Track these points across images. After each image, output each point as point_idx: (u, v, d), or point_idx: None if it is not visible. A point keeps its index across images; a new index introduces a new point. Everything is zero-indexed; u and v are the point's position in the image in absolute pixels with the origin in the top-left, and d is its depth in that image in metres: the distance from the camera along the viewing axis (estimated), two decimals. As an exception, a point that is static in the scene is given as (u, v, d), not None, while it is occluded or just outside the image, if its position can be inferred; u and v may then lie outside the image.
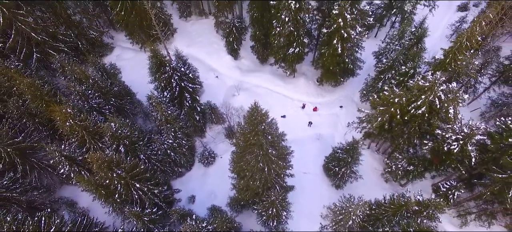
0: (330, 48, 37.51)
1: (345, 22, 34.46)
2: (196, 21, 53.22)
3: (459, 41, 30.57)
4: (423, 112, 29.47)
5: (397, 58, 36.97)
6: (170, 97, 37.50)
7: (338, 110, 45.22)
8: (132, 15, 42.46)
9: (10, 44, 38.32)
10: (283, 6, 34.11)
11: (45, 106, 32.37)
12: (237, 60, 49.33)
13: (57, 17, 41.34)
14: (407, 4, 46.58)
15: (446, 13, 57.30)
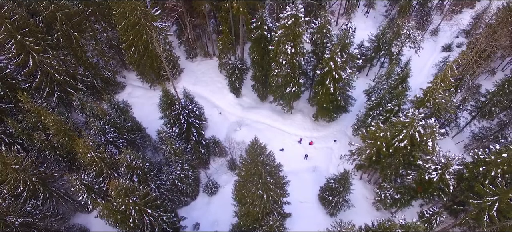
0: (324, 87, 41.54)
1: (336, 65, 38.66)
2: (201, 61, 57.84)
3: (434, 82, 34.68)
4: (405, 145, 33.06)
5: (384, 96, 41.00)
6: (178, 132, 41.16)
7: (332, 143, 48.86)
8: (144, 58, 46.92)
9: (36, 84, 42.60)
10: (280, 51, 38.45)
11: (67, 139, 36.02)
12: (239, 98, 53.47)
13: (77, 59, 45.77)
14: (393, 46, 51.35)
15: (432, 53, 62.08)
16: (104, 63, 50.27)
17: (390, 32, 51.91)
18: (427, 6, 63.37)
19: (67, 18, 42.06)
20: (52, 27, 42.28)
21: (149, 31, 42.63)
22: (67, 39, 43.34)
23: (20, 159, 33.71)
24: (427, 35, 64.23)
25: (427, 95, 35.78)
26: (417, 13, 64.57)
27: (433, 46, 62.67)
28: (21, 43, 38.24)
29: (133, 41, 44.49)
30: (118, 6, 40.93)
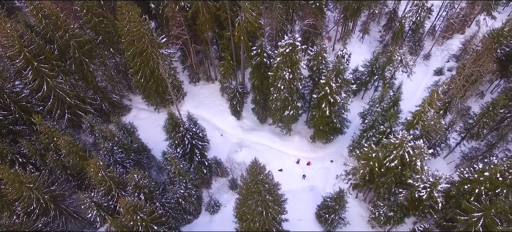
0: (320, 110, 44.02)
1: (331, 90, 41.22)
2: (203, 85, 60.60)
3: (422, 105, 37.21)
4: (396, 164, 35.30)
5: (377, 119, 43.43)
6: (182, 153, 43.43)
7: (329, 164, 51.04)
8: (150, 82, 49.65)
9: (48, 107, 45.17)
10: (279, 76, 41.13)
11: (78, 159, 38.28)
12: (239, 120, 55.93)
13: (88, 83, 48.49)
14: (387, 71, 54.22)
15: (424, 76, 64.83)
16: (112, 87, 52.95)
17: (383, 58, 54.87)
18: (419, 32, 66.58)
19: (80, 46, 45.06)
20: (65, 54, 45.15)
21: (155, 58, 45.54)
22: (79, 65, 46.20)
23: (34, 178, 35.86)
24: (420, 59, 67.18)
25: (416, 118, 38.24)
26: (410, 38, 67.76)
27: (425, 70, 65.53)
28: (37, 70, 41.04)
29: (140, 67, 47.36)
30: (127, 34, 43.91)
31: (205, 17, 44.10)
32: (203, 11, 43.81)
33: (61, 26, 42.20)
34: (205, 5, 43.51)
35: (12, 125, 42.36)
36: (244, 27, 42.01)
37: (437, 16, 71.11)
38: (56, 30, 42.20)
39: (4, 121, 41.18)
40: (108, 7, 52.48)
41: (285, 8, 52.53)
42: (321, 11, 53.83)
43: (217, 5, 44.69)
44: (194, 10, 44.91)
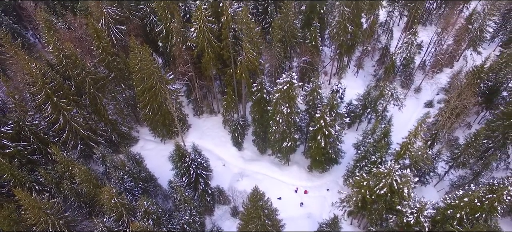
0: (316, 142, 47.34)
1: (326, 123, 44.72)
2: (207, 118, 64.27)
3: (408, 137, 40.62)
4: (385, 192, 38.29)
5: (368, 149, 46.72)
6: (187, 181, 46.46)
7: (325, 192, 53.92)
8: (158, 115, 53.31)
9: (63, 139, 48.61)
10: (278, 111, 44.76)
11: (92, 187, 41.33)
12: (241, 151, 59.21)
13: (100, 116, 52.13)
14: (379, 105, 57.95)
15: (415, 108, 68.50)
16: (122, 120, 56.58)
17: (375, 92, 58.76)
18: (409, 67, 70.89)
19: (94, 82, 49.10)
20: (81, 89, 49.08)
21: (163, 93, 49.39)
22: (93, 100, 50.07)
23: (51, 204, 38.78)
24: (411, 92, 71.08)
25: (403, 149, 41.54)
26: (401, 73, 72.03)
27: (416, 102, 69.35)
28: (56, 104, 44.79)
29: (149, 101, 51.15)
30: (138, 71, 47.91)
31: (210, 56, 48.29)
32: (208, 51, 48.04)
33: (79, 64, 46.34)
34: (210, 45, 47.76)
35: (31, 155, 45.63)
36: (245, 65, 46.12)
37: (426, 52, 75.70)
38: (74, 68, 46.32)
39: (24, 151, 44.51)
40: (120, 46, 56.84)
41: (283, 46, 56.98)
42: (316, 49, 58.25)
43: (221, 45, 48.95)
44: (199, 50, 49.13)
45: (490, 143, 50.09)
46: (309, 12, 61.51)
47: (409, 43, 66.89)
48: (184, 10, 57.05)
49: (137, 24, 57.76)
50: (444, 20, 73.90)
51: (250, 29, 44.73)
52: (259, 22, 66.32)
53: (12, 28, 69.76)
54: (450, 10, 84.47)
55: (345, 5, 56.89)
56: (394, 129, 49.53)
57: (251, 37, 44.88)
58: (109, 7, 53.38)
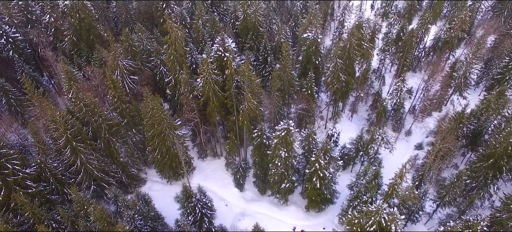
0: (312, 184, 51.31)
1: (320, 166, 48.94)
2: (211, 161, 68.49)
3: (395, 179, 44.74)
4: (375, 229, 41.86)
5: (360, 190, 50.63)
6: (192, 220, 50.04)
7: (321, 231, 57.13)
8: (166, 158, 57.57)
9: (78, 180, 52.66)
10: (276, 155, 49.14)
11: (106, 225, 44.91)
12: (242, 192, 63.01)
13: (112, 159, 56.42)
14: (370, 148, 62.30)
15: (406, 151, 72.68)
16: (132, 162, 60.79)
17: (367, 136, 63.30)
18: (400, 112, 75.86)
19: (109, 127, 53.81)
20: (96, 134, 53.74)
21: (171, 138, 53.97)
22: (107, 144, 54.55)
23: (69, 241, 42.41)
24: (402, 135, 75.66)
25: (391, 189, 45.53)
26: (393, 117, 76.92)
27: (406, 145, 73.73)
28: (74, 148, 49.24)
29: (158, 146, 55.58)
30: (149, 118, 52.73)
31: (214, 104, 53.33)
32: (213, 100, 53.12)
33: (96, 112, 51.28)
34: (215, 95, 52.90)
35: (49, 195, 49.53)
36: (247, 113, 51.03)
37: (415, 97, 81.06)
38: (92, 115, 51.19)
39: (44, 191, 48.47)
40: (132, 94, 62.12)
41: (282, 94, 62.26)
42: (312, 97, 63.49)
43: (225, 95, 54.10)
44: (205, 99, 54.26)
45: (473, 183, 54.00)
46: (305, 62, 67.34)
47: (399, 90, 72.32)
48: (190, 60, 63.03)
49: (148, 74, 63.46)
50: (432, 67, 79.86)
51: (251, 81, 50.02)
52: (260, 70, 72.32)
53: (31, 75, 75.51)
54: (437, 58, 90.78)
55: (338, 57, 62.72)
56: (386, 170, 53.57)
57: (252, 88, 50.10)
58: (124, 59, 59.20)
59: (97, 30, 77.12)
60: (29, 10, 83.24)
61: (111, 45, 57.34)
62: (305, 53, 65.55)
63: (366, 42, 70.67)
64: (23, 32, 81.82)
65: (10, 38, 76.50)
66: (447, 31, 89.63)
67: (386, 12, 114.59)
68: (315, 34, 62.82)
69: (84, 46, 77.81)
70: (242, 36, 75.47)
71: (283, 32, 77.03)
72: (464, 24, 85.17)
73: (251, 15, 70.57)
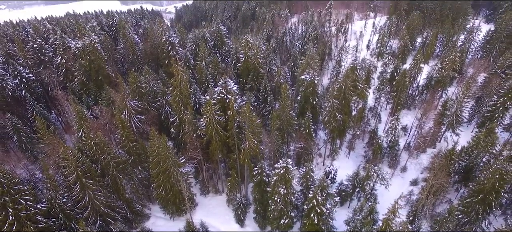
0: (310, 219, 53.38)
1: (318, 202, 51.25)
2: (212, 197, 70.66)
3: (388, 214, 47.01)
4: (370, 264, 43.85)
5: (356, 225, 52.69)
6: (195, 255, 51.96)
7: (320, 266, 58.53)
8: (170, 194, 59.94)
9: (85, 216, 54.84)
10: (276, 192, 51.59)
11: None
12: (243, 228, 64.76)
13: (119, 195, 58.81)
14: (366, 185, 64.67)
15: (401, 187, 74.66)
16: (137, 199, 63.10)
17: (363, 173, 65.79)
18: (395, 149, 78.64)
19: (117, 165, 56.60)
20: (104, 171, 56.46)
21: (176, 175, 56.64)
22: (114, 180, 57.13)
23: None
24: (397, 172, 78.04)
25: (384, 225, 47.69)
26: (388, 154, 79.61)
27: (402, 181, 75.96)
28: (83, 185, 51.85)
29: (162, 182, 58.11)
30: (155, 156, 55.61)
31: (217, 143, 56.36)
32: (215, 139, 56.20)
33: (105, 150, 54.26)
34: (217, 135, 56.03)
35: (58, 230, 51.62)
36: (248, 152, 53.95)
37: (409, 134, 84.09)
38: (101, 153, 54.13)
39: (53, 227, 50.63)
40: (138, 133, 65.33)
41: (281, 133, 65.39)
42: (310, 136, 66.57)
43: (227, 134, 57.23)
44: (208, 138, 57.36)
45: (465, 218, 56.06)
46: (303, 102, 70.96)
47: (393, 128, 75.47)
48: (194, 101, 66.66)
49: (154, 114, 66.93)
50: (425, 105, 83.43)
51: (252, 122, 53.28)
52: (260, 109, 75.90)
53: (41, 113, 79.12)
54: (430, 96, 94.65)
55: (334, 97, 66.37)
56: (382, 206, 55.71)
57: (252, 128, 53.28)
58: (132, 100, 62.81)
59: (106, 71, 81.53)
60: (42, 51, 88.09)
61: (120, 87, 61.13)
62: (303, 94, 69.27)
63: (361, 83, 74.55)
64: (36, 73, 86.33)
65: (23, 78, 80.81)
66: (439, 71, 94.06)
67: (381, 52, 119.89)
68: (312, 76, 66.77)
69: (92, 86, 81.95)
70: (243, 76, 79.65)
71: (282, 72, 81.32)
72: (454, 64, 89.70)
73: (251, 58, 74.91)
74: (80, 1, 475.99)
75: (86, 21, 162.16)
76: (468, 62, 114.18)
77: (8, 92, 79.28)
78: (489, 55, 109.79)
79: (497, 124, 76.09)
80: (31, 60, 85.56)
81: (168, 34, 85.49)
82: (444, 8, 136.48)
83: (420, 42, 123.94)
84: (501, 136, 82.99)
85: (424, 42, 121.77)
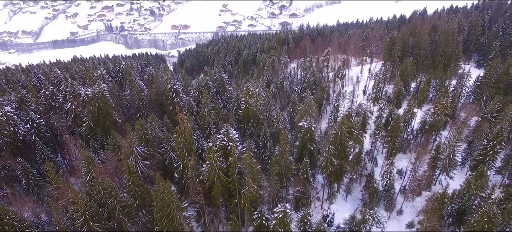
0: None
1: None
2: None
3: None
4: None
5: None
6: None
7: None
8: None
9: (92, 259, 56.81)
10: (274, 235, 53.96)
11: None
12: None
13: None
14: (362, 228, 66.75)
15: (398, 229, 76.29)
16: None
17: (359, 216, 68.00)
18: (391, 192, 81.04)
19: (122, 208, 59.21)
20: (111, 215, 58.96)
21: (179, 219, 59.01)
22: (119, 224, 59.50)
23: None
24: (394, 214, 79.99)
25: (379, 269, 49.68)
26: (384, 197, 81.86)
27: (398, 224, 77.73)
28: (91, 228, 54.28)
29: (166, 226, 60.31)
30: (159, 200, 58.29)
31: (219, 188, 59.24)
32: (217, 184, 59.14)
33: (113, 194, 57.12)
34: (219, 180, 59.04)
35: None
36: (248, 197, 56.76)
37: (404, 178, 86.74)
38: (109, 198, 56.94)
39: (60, 270, 52.67)
40: (143, 177, 68.29)
41: (280, 178, 68.30)
42: (307, 181, 69.45)
43: (228, 180, 60.29)
44: (210, 183, 60.32)
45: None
46: (301, 148, 74.42)
47: (388, 172, 78.34)
48: (197, 146, 70.15)
49: (159, 159, 70.21)
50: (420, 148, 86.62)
51: (252, 168, 56.53)
52: (260, 154, 79.20)
53: (49, 157, 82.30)
54: (424, 140, 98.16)
55: (331, 143, 69.87)
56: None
57: (253, 175, 56.43)
58: (138, 146, 66.36)
59: (113, 117, 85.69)
60: (53, 98, 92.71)
61: (128, 134, 64.83)
62: (301, 140, 72.89)
63: (357, 129, 78.31)
64: (46, 118, 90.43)
65: (34, 123, 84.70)
66: (432, 115, 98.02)
67: (377, 97, 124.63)
68: (310, 123, 70.66)
69: (100, 131, 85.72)
70: (244, 122, 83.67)
71: (282, 118, 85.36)
72: (446, 109, 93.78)
73: (252, 105, 79.22)
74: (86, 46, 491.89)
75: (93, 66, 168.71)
76: (460, 106, 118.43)
77: (19, 136, 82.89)
78: (480, 100, 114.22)
79: (489, 167, 79.05)
80: (42, 106, 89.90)
81: (173, 82, 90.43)
82: (436, 55, 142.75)
83: (414, 87, 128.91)
84: (494, 179, 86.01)
85: (418, 87, 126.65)
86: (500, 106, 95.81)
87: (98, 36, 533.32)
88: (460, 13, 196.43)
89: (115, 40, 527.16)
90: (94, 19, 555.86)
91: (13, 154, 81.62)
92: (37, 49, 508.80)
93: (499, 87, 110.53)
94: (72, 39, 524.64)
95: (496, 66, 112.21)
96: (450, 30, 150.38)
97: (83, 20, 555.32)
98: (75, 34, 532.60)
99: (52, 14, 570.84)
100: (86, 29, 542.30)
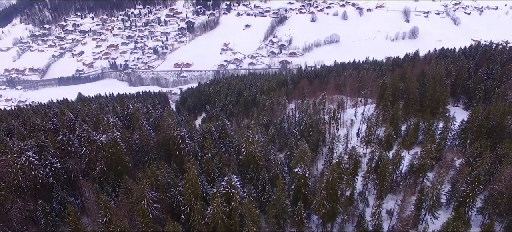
0: None
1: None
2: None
3: None
4: None
5: None
6: None
7: None
8: (179, 276, 68.57)
9: None
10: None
11: None
12: None
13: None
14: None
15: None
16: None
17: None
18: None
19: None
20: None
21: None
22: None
23: None
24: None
25: None
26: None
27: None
28: (109, 268, 61.21)
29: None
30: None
31: (222, 230, 66.55)
32: (220, 226, 66.47)
33: (127, 237, 64.37)
34: (222, 222, 66.45)
35: None
36: (248, 238, 64.06)
37: (392, 218, 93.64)
38: (123, 239, 64.19)
39: None
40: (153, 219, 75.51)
41: (277, 220, 75.59)
42: (302, 223, 76.67)
43: (231, 222, 67.67)
44: (214, 225, 67.64)
45: None
46: (296, 192, 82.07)
47: (376, 214, 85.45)
48: (202, 191, 77.87)
49: (167, 203, 77.73)
50: (407, 189, 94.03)
51: (252, 212, 64.09)
52: (259, 196, 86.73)
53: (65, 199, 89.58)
54: (413, 181, 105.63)
55: (322, 189, 77.56)
56: None
57: (252, 218, 63.91)
58: (150, 191, 74.10)
59: (125, 162, 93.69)
60: (70, 143, 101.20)
61: (142, 180, 72.74)
62: (296, 185, 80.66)
63: (347, 175, 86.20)
64: (62, 162, 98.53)
65: (53, 167, 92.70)
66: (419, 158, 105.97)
67: (369, 140, 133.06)
68: (304, 170, 78.70)
69: (112, 175, 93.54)
70: (245, 167, 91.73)
71: (279, 163, 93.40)
72: (431, 154, 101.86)
73: (252, 152, 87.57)
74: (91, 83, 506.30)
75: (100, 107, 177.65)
76: (447, 148, 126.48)
77: (39, 180, 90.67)
78: (465, 143, 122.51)
79: (469, 208, 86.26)
80: (60, 151, 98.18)
81: (179, 129, 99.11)
82: (425, 99, 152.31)
83: (404, 130, 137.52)
84: (477, 219, 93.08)
85: (408, 130, 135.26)
86: (480, 150, 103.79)
87: (103, 74, 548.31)
88: (449, 58, 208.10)
89: (119, 77, 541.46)
90: (99, 57, 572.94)
91: (33, 196, 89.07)
92: (43, 86, 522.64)
93: (481, 131, 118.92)
94: (78, 76, 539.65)
95: (478, 111, 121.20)
96: (438, 75, 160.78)
97: (89, 58, 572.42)
98: (80, 71, 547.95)
99: (59, 52, 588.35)
100: (91, 67, 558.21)
